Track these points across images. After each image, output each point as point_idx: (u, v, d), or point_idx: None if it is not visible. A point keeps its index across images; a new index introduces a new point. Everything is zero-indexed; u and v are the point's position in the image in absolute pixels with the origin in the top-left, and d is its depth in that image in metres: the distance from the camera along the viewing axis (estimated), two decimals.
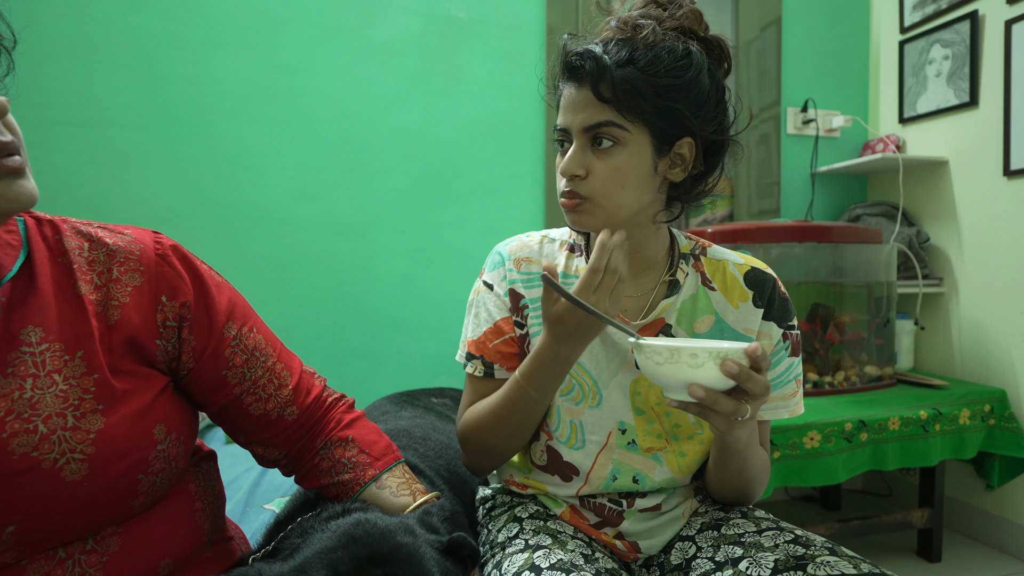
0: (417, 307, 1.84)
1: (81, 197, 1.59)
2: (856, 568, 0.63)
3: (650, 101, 0.66)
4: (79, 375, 0.55)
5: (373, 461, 0.72)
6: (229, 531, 0.75)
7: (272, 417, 0.70)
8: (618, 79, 0.65)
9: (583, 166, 0.69)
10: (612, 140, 0.68)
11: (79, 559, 0.54)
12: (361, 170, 1.79)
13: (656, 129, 0.68)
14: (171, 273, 0.63)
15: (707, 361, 0.55)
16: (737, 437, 0.64)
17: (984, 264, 1.85)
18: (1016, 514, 1.75)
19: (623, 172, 0.68)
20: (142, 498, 0.58)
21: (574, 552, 0.71)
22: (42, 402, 0.53)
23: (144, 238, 0.64)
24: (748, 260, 0.80)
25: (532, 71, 1.90)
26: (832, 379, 1.70)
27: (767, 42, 2.13)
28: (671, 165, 0.71)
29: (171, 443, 0.60)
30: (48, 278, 0.57)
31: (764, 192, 2.17)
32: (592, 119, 0.68)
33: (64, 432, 0.53)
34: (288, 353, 0.74)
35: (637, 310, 0.78)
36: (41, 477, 0.51)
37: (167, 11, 1.63)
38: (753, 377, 0.57)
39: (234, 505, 1.11)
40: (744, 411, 0.58)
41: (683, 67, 0.67)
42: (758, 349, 0.57)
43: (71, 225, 0.62)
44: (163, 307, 0.62)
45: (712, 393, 0.57)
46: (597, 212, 0.70)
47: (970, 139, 1.88)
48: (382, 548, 0.56)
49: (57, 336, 0.55)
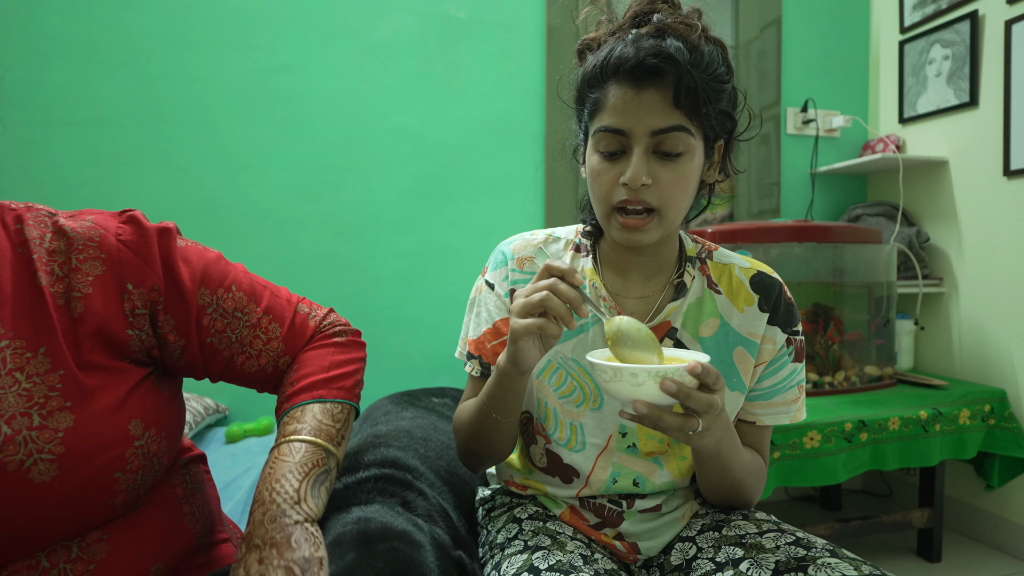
0: (417, 307, 1.83)
1: (81, 197, 1.59)
2: (857, 570, 0.63)
3: (710, 105, 0.66)
4: (43, 372, 0.53)
5: (291, 395, 0.66)
6: (225, 532, 0.74)
7: (269, 371, 0.68)
8: (698, 82, 0.64)
9: (650, 174, 0.66)
10: (680, 146, 0.65)
11: (64, 568, 0.53)
12: (361, 170, 1.79)
13: (709, 132, 0.68)
14: (134, 259, 0.59)
15: (647, 380, 0.56)
16: (702, 446, 0.63)
17: (984, 264, 1.85)
18: (1016, 514, 1.75)
19: (688, 180, 0.67)
20: (122, 496, 0.56)
21: (573, 553, 0.71)
22: (4, 402, 0.50)
23: (106, 223, 0.60)
24: (754, 264, 0.80)
25: (532, 71, 1.90)
26: (832, 379, 1.70)
27: (767, 42, 2.13)
28: (710, 167, 0.72)
29: (150, 439, 0.57)
30: (7, 270, 0.54)
31: (764, 192, 2.17)
32: (664, 122, 0.64)
33: (30, 432, 0.50)
34: (277, 298, 0.71)
35: (644, 313, 0.77)
36: (8, 480, 0.49)
37: (167, 11, 1.63)
38: (692, 395, 0.56)
39: (234, 505, 1.11)
40: (693, 425, 0.58)
41: (728, 71, 0.67)
42: (698, 367, 0.56)
43: (35, 213, 0.58)
44: (130, 295, 0.59)
45: (655, 409, 0.57)
46: (662, 224, 0.69)
47: (970, 139, 1.88)
48: (378, 533, 0.58)
49: (17, 332, 0.53)
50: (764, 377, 0.78)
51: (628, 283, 0.79)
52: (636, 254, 0.77)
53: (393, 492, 0.80)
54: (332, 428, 0.64)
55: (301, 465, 0.59)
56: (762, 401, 0.79)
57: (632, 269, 0.78)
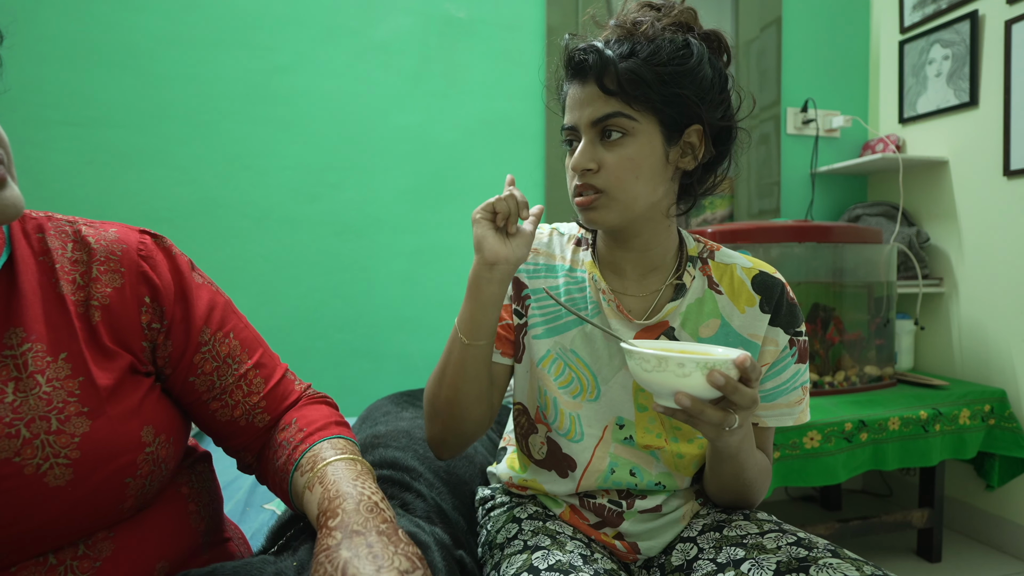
0: (417, 307, 1.83)
1: (81, 197, 1.59)
2: (859, 571, 0.63)
3: (655, 89, 0.66)
4: (63, 377, 0.53)
5: (305, 437, 0.65)
6: (227, 532, 0.74)
7: (240, 424, 0.67)
8: (622, 70, 0.66)
9: (594, 160, 0.69)
10: (621, 131, 0.68)
11: (71, 565, 0.53)
12: (361, 170, 1.79)
13: (664, 117, 0.68)
14: (153, 275, 0.61)
15: (694, 371, 0.55)
16: (727, 443, 0.64)
17: (984, 264, 1.85)
18: (1016, 514, 1.75)
19: (635, 162, 0.68)
20: (131, 501, 0.56)
21: (572, 553, 0.71)
22: (24, 405, 0.51)
23: (128, 237, 0.61)
24: (756, 264, 0.79)
25: (532, 71, 1.90)
26: (832, 379, 1.70)
27: (767, 42, 2.13)
28: (682, 154, 0.72)
29: (160, 445, 0.58)
30: (31, 278, 0.55)
31: (764, 192, 2.17)
32: (599, 112, 0.68)
33: (48, 436, 0.51)
34: (270, 357, 0.71)
35: (642, 311, 0.77)
36: (24, 483, 0.49)
37: (167, 11, 1.63)
38: (740, 389, 0.56)
39: (234, 505, 1.11)
40: (732, 421, 0.58)
41: (684, 55, 0.68)
42: (747, 360, 0.56)
43: (55, 223, 0.59)
44: (147, 308, 0.60)
45: (698, 403, 0.57)
46: (613, 206, 0.70)
47: (970, 139, 1.87)
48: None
49: (39, 337, 0.53)
50: (767, 379, 0.78)
51: (624, 280, 0.79)
52: (626, 249, 0.77)
53: (392, 494, 0.80)
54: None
55: (369, 473, 0.60)
56: (765, 403, 0.78)
57: (626, 265, 0.78)
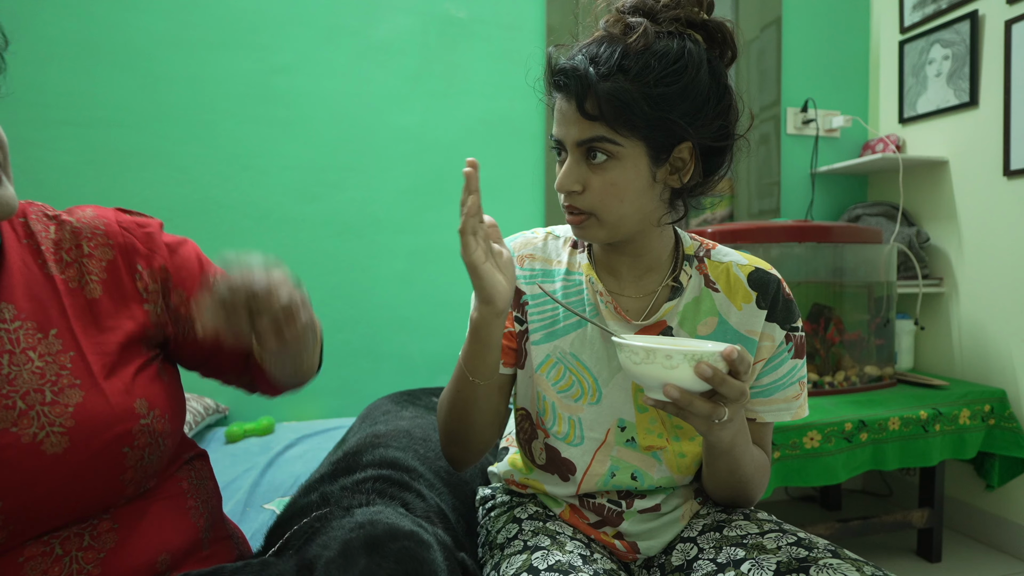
0: (417, 307, 1.83)
1: (81, 197, 1.58)
2: (859, 571, 0.63)
3: (641, 114, 0.63)
4: (54, 352, 0.56)
5: None
6: (227, 530, 0.75)
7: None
8: (605, 94, 0.63)
9: (579, 181, 0.68)
10: (606, 155, 0.66)
11: (76, 556, 0.55)
12: (361, 170, 1.79)
13: (651, 141, 0.66)
14: (138, 243, 0.65)
15: (682, 363, 0.55)
16: (720, 438, 0.63)
17: (984, 264, 1.85)
18: (1016, 514, 1.75)
19: (619, 186, 0.67)
20: (131, 473, 0.58)
21: (572, 553, 0.71)
22: (19, 378, 0.54)
23: (106, 214, 0.66)
24: (752, 261, 0.79)
25: (532, 71, 1.90)
26: (832, 379, 1.70)
27: (767, 42, 2.13)
28: (671, 171, 0.70)
29: (155, 418, 0.61)
30: (17, 259, 0.58)
31: (764, 192, 2.17)
32: (583, 135, 0.66)
33: (43, 407, 0.54)
34: None
35: (639, 311, 0.77)
36: (22, 452, 0.52)
37: (167, 11, 1.63)
38: (727, 381, 0.56)
39: (234, 505, 1.11)
40: (721, 414, 0.58)
41: (677, 71, 0.64)
42: (734, 352, 0.56)
43: (37, 208, 0.63)
44: (140, 275, 0.64)
45: (687, 395, 0.57)
46: (602, 226, 0.70)
47: (970, 139, 1.88)
48: (386, 535, 0.59)
49: (29, 314, 0.56)
50: (763, 374, 0.78)
51: (621, 282, 0.79)
52: (620, 253, 0.77)
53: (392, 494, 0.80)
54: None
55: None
56: (762, 398, 0.78)
57: (621, 268, 0.78)
